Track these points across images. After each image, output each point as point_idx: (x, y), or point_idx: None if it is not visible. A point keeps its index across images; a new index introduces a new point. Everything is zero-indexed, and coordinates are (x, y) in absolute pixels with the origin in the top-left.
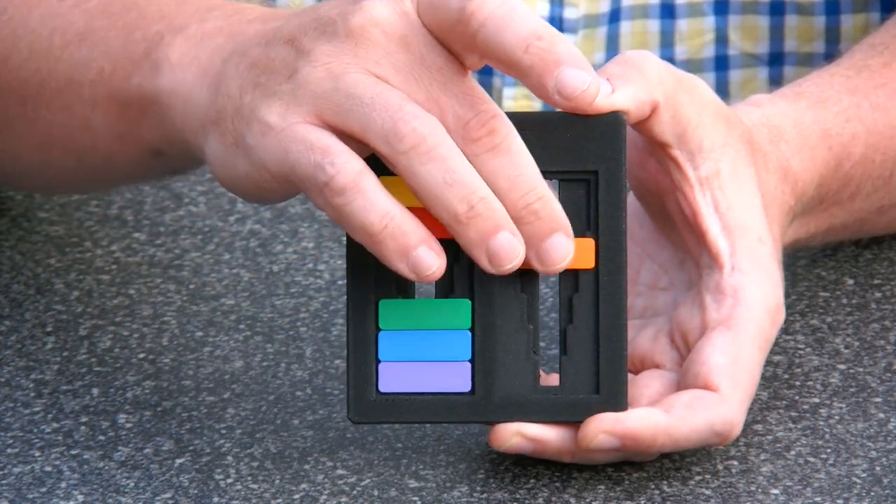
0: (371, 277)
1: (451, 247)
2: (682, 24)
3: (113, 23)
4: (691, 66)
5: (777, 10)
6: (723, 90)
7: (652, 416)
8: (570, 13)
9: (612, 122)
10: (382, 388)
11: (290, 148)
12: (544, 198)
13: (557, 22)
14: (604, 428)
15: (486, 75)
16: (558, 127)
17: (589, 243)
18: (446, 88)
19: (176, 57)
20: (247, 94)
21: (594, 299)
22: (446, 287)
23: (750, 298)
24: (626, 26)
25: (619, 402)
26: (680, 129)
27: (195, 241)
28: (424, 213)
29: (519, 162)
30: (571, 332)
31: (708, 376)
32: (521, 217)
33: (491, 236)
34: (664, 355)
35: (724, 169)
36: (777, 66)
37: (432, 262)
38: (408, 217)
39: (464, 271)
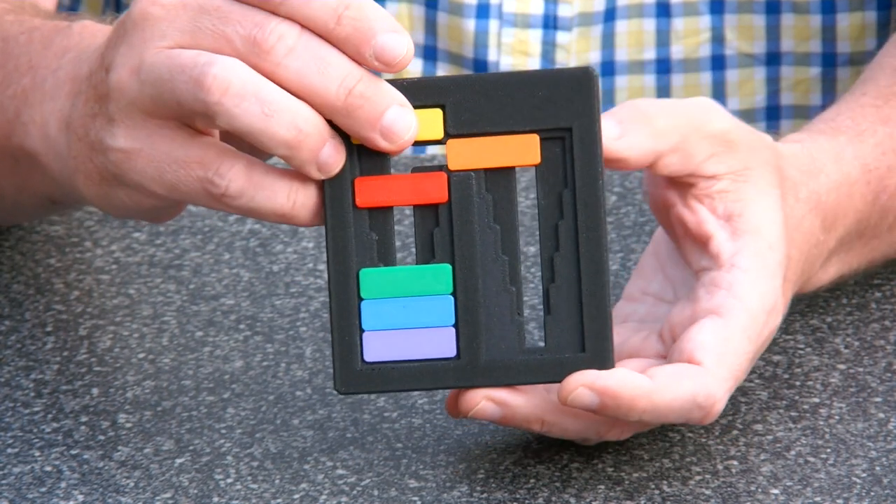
0: (351, 247)
1: (431, 212)
2: (678, 24)
3: None
4: (687, 65)
5: (773, 9)
6: (719, 90)
7: (636, 378)
8: (564, 10)
9: (583, 78)
10: (368, 357)
11: (164, 168)
12: (363, 77)
13: (552, 19)
14: (584, 381)
15: (482, 64)
16: (530, 86)
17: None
18: (227, 20)
19: (39, 117)
20: (90, 129)
21: (575, 257)
22: (427, 253)
23: (745, 292)
24: (621, 25)
25: (605, 358)
26: (691, 167)
27: (195, 241)
28: None
29: (322, 55)
30: (554, 291)
31: (693, 352)
32: (348, 105)
33: (319, 150)
34: (650, 350)
35: (742, 188)
36: (774, 65)
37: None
38: (312, 190)
39: (444, 236)
